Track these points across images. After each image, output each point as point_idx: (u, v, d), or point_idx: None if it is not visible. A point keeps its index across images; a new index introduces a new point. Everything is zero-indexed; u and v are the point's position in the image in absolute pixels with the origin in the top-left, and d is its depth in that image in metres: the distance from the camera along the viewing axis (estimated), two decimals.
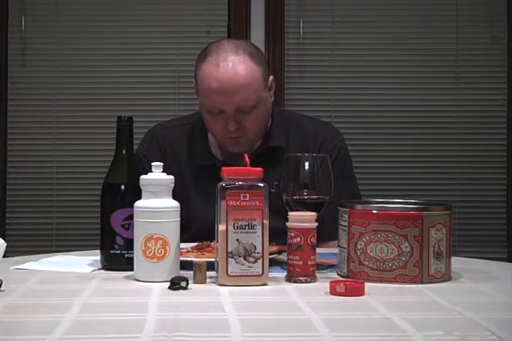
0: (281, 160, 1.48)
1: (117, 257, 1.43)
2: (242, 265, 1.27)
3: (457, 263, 1.43)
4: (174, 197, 1.36)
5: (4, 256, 1.49)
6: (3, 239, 1.50)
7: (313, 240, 1.32)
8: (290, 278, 1.32)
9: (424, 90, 3.28)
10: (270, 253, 1.35)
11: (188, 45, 3.18)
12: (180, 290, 1.23)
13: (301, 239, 1.31)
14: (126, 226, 1.42)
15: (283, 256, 1.43)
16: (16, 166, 3.26)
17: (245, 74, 1.74)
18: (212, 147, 1.90)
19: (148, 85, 3.25)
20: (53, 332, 0.94)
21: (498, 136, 3.29)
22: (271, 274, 1.32)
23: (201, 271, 1.30)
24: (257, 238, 1.27)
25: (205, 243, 1.56)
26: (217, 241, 1.29)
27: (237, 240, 1.27)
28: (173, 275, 1.27)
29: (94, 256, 1.50)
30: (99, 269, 1.44)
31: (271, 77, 1.85)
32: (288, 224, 1.33)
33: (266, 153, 1.85)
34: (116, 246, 1.43)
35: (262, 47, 1.90)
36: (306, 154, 1.47)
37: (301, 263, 1.31)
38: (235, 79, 1.73)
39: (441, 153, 3.28)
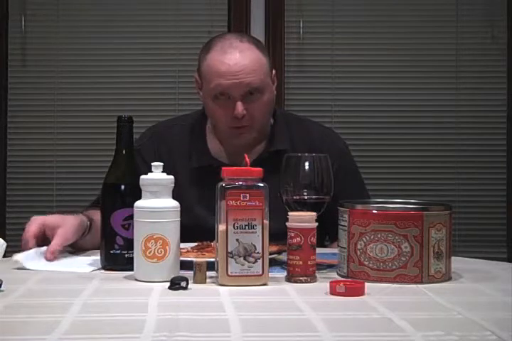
0: None
1: (117, 257, 1.43)
2: (242, 265, 1.27)
3: (457, 263, 1.43)
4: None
5: (4, 256, 1.49)
6: (3, 239, 1.50)
7: (313, 240, 1.32)
8: (290, 278, 1.32)
9: (424, 90, 3.27)
10: (270, 253, 1.35)
11: (188, 45, 3.18)
12: (180, 290, 1.23)
13: (301, 239, 1.31)
14: (126, 226, 1.42)
15: (283, 256, 1.43)
16: (16, 166, 3.26)
17: (252, 58, 1.77)
18: (211, 148, 1.89)
19: (148, 85, 3.25)
20: (53, 332, 0.94)
21: (498, 136, 3.29)
22: (271, 274, 1.32)
23: (201, 271, 1.30)
24: (257, 238, 1.27)
25: (205, 243, 1.56)
26: (217, 241, 1.29)
27: (237, 240, 1.27)
28: (173, 276, 1.27)
29: (94, 256, 1.50)
30: (99, 269, 1.44)
31: (273, 71, 1.87)
32: (288, 224, 1.33)
33: (271, 158, 1.81)
34: (116, 246, 1.43)
35: None
36: (306, 154, 1.47)
37: (301, 263, 1.31)
38: (243, 62, 1.75)
39: (441, 153, 3.28)
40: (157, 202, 1.33)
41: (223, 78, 1.75)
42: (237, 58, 1.75)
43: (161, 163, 1.37)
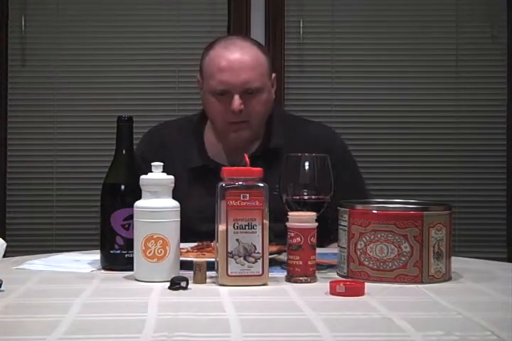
0: (282, 161, 1.49)
1: (117, 257, 1.43)
2: (242, 265, 1.27)
3: (457, 263, 1.43)
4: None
5: (4, 256, 1.49)
6: (3, 239, 1.50)
7: (313, 240, 1.32)
8: (290, 278, 1.32)
9: (424, 90, 3.27)
10: (270, 253, 1.35)
11: (188, 45, 3.18)
12: (180, 290, 1.23)
13: (301, 239, 1.31)
14: (126, 226, 1.42)
15: (283, 256, 1.43)
16: (16, 166, 3.26)
17: (252, 56, 1.83)
18: (208, 148, 1.91)
19: (148, 85, 3.25)
20: (53, 332, 0.94)
21: (498, 136, 3.29)
22: (271, 274, 1.32)
23: (201, 271, 1.30)
24: (257, 238, 1.27)
25: (205, 243, 1.56)
26: (217, 241, 1.30)
27: (237, 240, 1.27)
28: (173, 275, 1.27)
29: (94, 256, 1.50)
30: (99, 269, 1.44)
31: (274, 74, 1.91)
32: (288, 224, 1.33)
33: (266, 155, 1.85)
34: (116, 246, 1.43)
35: None
36: (306, 154, 1.47)
37: (301, 263, 1.31)
38: (244, 59, 1.81)
39: (441, 153, 3.27)
40: (157, 202, 1.33)
41: (224, 73, 1.80)
42: (238, 55, 1.81)
43: (161, 163, 1.38)
